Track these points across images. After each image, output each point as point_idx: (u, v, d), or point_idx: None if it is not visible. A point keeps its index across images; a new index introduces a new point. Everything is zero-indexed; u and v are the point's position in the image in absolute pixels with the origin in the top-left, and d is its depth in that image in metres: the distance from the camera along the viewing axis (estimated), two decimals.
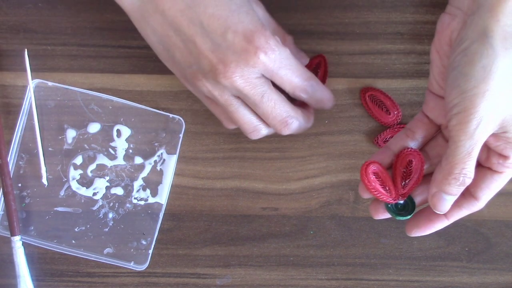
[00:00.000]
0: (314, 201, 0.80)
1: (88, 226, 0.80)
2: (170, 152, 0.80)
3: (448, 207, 0.63)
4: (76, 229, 0.80)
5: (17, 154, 0.79)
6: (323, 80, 0.74)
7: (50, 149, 0.80)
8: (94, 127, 0.80)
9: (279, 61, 0.63)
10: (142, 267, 0.79)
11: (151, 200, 0.80)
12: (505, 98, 0.57)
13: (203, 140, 0.79)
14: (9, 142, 0.79)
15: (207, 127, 0.79)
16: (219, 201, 0.80)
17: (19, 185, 0.80)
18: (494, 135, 0.60)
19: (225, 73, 0.62)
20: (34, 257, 0.79)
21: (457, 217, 0.66)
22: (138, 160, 0.80)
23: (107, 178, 0.80)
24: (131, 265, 0.79)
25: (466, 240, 0.80)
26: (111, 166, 0.80)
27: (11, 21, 0.79)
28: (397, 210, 0.68)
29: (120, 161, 0.80)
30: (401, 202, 0.68)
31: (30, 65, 0.78)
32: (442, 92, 0.65)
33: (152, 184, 0.80)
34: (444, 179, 0.61)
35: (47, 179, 0.80)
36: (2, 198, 0.78)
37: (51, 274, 0.80)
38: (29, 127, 0.79)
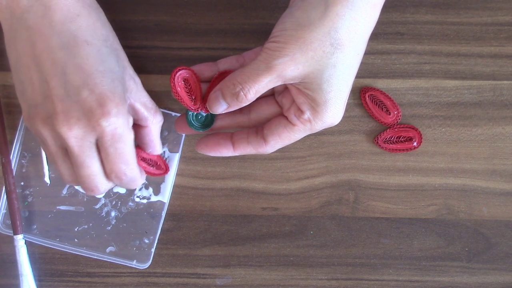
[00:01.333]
0: (314, 201, 0.80)
1: (91, 224, 0.80)
2: (172, 151, 0.80)
3: (218, 109, 0.67)
4: (78, 228, 0.80)
5: (19, 153, 0.79)
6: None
7: None
8: None
9: (116, 138, 0.61)
10: (144, 266, 0.79)
11: (154, 198, 0.80)
12: (315, 55, 0.60)
13: None
14: (11, 141, 0.79)
15: None
16: (219, 201, 0.80)
17: (22, 183, 0.80)
18: (297, 88, 0.63)
19: (62, 126, 0.60)
20: (35, 257, 0.80)
21: (242, 151, 0.69)
22: None
23: None
24: (134, 264, 0.79)
25: (466, 240, 0.80)
26: None
27: None
28: (197, 122, 0.71)
29: None
30: (203, 114, 0.71)
31: None
32: None
33: (155, 182, 0.80)
34: (227, 81, 0.65)
35: (50, 177, 0.80)
36: (5, 197, 0.78)
37: (51, 274, 0.80)
38: None
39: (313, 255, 0.80)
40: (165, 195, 0.80)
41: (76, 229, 0.80)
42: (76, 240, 0.80)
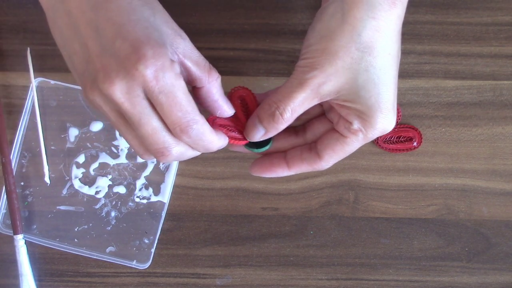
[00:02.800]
0: (314, 201, 0.80)
1: (91, 224, 0.80)
2: None
3: (256, 136, 0.64)
4: (78, 228, 0.80)
5: (19, 153, 0.80)
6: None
7: (52, 147, 0.80)
8: (96, 126, 0.80)
9: (162, 83, 0.56)
10: (144, 266, 0.79)
11: (154, 198, 0.80)
12: (344, 63, 0.59)
13: None
14: (11, 141, 0.79)
15: None
16: (219, 201, 0.80)
17: (22, 183, 0.80)
18: (338, 104, 0.62)
19: (104, 83, 0.56)
20: (35, 257, 0.80)
21: (298, 169, 0.67)
22: (140, 158, 0.80)
23: (110, 176, 0.80)
24: (134, 264, 0.79)
25: (466, 240, 0.80)
26: (113, 165, 0.81)
27: (11, 21, 0.80)
28: (252, 143, 0.67)
29: (122, 159, 0.80)
30: None
31: (32, 64, 0.78)
32: None
33: (155, 182, 0.80)
34: (262, 105, 0.63)
35: (50, 177, 0.80)
36: (5, 197, 0.79)
37: (51, 274, 0.80)
38: (31, 126, 0.80)
39: (313, 255, 0.80)
40: (165, 195, 0.80)
41: (76, 229, 0.80)
42: (76, 240, 0.80)
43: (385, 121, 0.61)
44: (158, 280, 0.80)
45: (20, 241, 0.78)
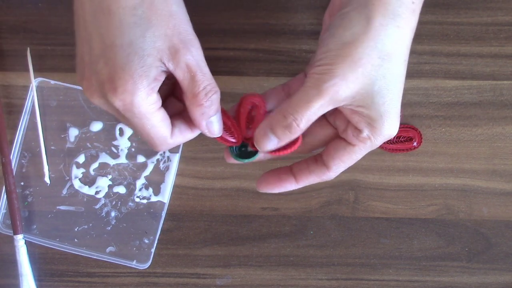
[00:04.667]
0: (314, 201, 0.80)
1: (91, 224, 0.80)
2: (173, 151, 0.80)
3: (268, 146, 0.62)
4: (78, 228, 0.80)
5: (19, 153, 0.80)
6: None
7: (52, 147, 0.80)
8: (96, 126, 0.80)
9: (131, 114, 0.58)
10: (144, 266, 0.79)
11: (154, 199, 0.80)
12: (365, 70, 0.58)
13: (203, 140, 0.80)
14: (11, 141, 0.79)
15: None
16: (219, 201, 0.80)
17: (22, 183, 0.80)
18: (350, 109, 0.60)
19: (87, 90, 0.59)
20: (35, 257, 0.80)
21: (306, 181, 0.66)
22: (140, 158, 0.80)
23: (110, 176, 0.80)
24: (134, 264, 0.79)
25: (466, 240, 0.80)
26: (113, 165, 0.81)
27: (11, 21, 0.80)
28: (239, 152, 0.67)
29: (122, 159, 0.80)
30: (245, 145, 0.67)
31: (32, 64, 0.78)
32: None
33: (155, 183, 0.80)
34: (275, 115, 0.61)
35: (50, 177, 0.80)
36: (5, 197, 0.79)
37: (51, 274, 0.80)
38: (31, 126, 0.80)
39: (313, 255, 0.80)
40: (165, 195, 0.80)
41: (76, 229, 0.80)
42: (76, 240, 0.80)
43: (392, 128, 0.61)
44: (158, 280, 0.80)
45: (20, 241, 0.78)
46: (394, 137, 0.78)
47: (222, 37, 0.79)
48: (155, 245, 0.79)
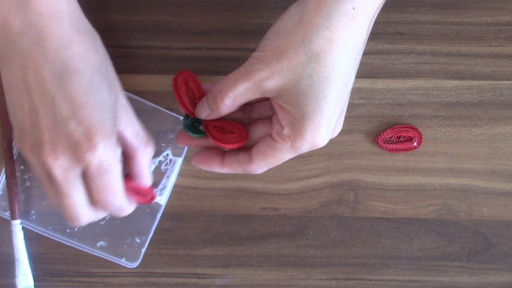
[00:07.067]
0: (314, 201, 0.80)
1: None
2: (176, 154, 0.79)
3: (201, 113, 0.67)
4: None
5: None
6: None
7: None
8: None
9: (102, 170, 0.60)
10: (133, 265, 0.79)
11: None
12: (290, 64, 0.60)
13: None
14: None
15: None
16: (219, 201, 0.80)
17: (22, 167, 0.79)
18: (277, 104, 0.63)
19: (48, 156, 0.58)
20: (35, 257, 0.80)
21: (230, 168, 0.68)
22: None
23: None
24: (122, 262, 0.79)
25: (466, 240, 0.80)
26: None
27: None
28: (193, 127, 0.70)
29: None
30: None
31: None
32: None
33: (154, 184, 0.80)
34: (212, 87, 0.66)
35: None
36: (3, 179, 0.78)
37: (51, 274, 0.80)
38: None
39: (313, 255, 0.80)
40: (163, 198, 0.79)
41: None
42: (68, 230, 0.79)
43: (315, 135, 0.61)
44: (158, 280, 0.80)
45: (17, 226, 0.78)
46: (394, 137, 0.78)
47: (222, 37, 0.79)
48: (146, 245, 0.79)
